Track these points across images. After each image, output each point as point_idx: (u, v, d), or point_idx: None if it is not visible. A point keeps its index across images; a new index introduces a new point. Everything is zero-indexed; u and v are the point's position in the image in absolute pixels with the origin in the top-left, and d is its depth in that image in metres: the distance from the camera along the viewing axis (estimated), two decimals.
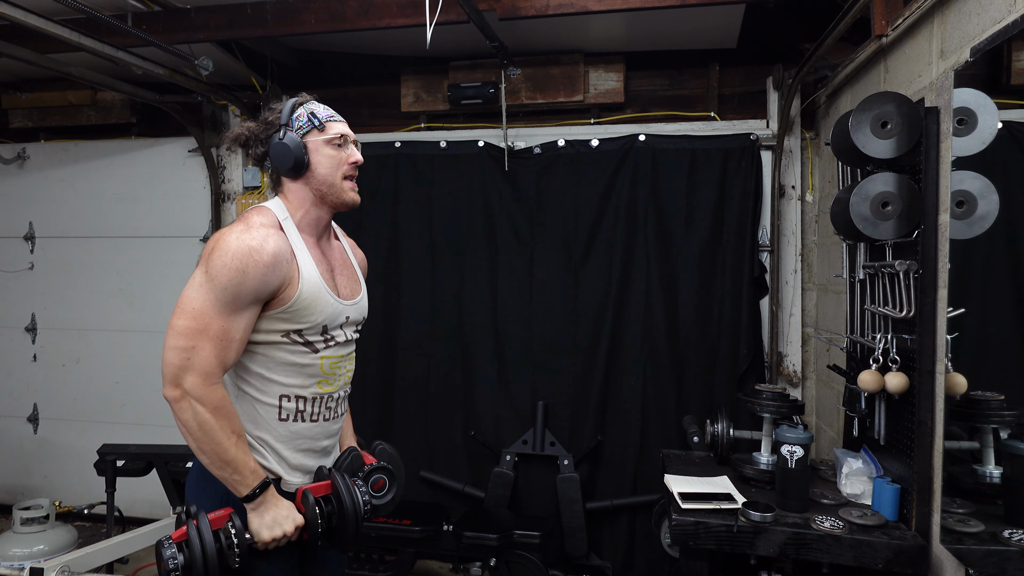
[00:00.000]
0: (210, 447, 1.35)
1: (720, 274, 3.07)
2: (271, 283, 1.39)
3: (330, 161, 1.52)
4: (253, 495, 1.37)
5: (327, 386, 1.54)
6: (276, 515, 1.39)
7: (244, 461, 1.37)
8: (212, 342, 1.35)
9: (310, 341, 1.49)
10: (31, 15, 2.32)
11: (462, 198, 3.30)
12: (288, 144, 1.48)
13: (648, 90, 3.31)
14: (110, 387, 3.83)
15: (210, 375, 1.35)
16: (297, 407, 1.50)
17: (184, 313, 1.36)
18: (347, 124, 1.58)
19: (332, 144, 1.52)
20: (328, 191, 1.53)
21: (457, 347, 3.33)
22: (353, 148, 1.57)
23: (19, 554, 2.98)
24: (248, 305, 1.38)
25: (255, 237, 1.38)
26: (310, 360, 1.50)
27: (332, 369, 1.54)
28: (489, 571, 2.90)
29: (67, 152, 3.85)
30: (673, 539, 1.91)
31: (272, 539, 1.38)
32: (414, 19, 2.61)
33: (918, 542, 1.75)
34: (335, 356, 1.55)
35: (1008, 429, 1.52)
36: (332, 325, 1.52)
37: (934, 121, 1.79)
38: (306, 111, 1.52)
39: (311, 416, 1.52)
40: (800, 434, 1.93)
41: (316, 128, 1.51)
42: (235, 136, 1.56)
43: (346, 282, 1.61)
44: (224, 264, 1.34)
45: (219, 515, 1.35)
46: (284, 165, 1.49)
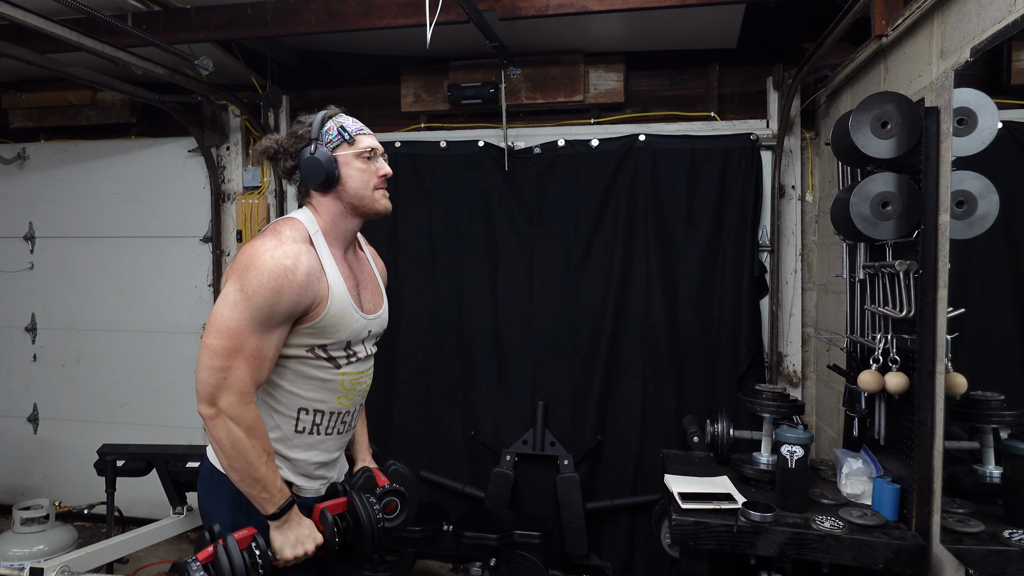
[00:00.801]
0: (241, 465, 1.35)
1: (720, 274, 3.07)
2: (303, 302, 1.39)
3: (361, 175, 1.51)
4: (279, 513, 1.38)
5: (346, 402, 1.56)
6: (299, 535, 1.41)
7: (272, 480, 1.38)
8: (247, 361, 1.35)
9: (333, 356, 1.49)
10: (31, 15, 2.32)
11: (462, 198, 3.30)
12: (320, 159, 1.47)
13: (648, 90, 3.31)
14: (110, 387, 3.83)
15: (245, 394, 1.35)
16: (314, 420, 1.51)
17: (219, 333, 1.34)
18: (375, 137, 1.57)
19: (362, 158, 1.52)
20: (360, 203, 1.52)
21: (457, 347, 3.33)
22: (382, 161, 1.57)
23: (19, 554, 2.98)
24: (281, 323, 1.38)
25: (288, 254, 1.37)
26: (332, 376, 1.50)
27: (352, 385, 1.56)
28: (489, 571, 2.90)
29: (67, 152, 3.85)
30: (673, 539, 1.91)
31: (294, 558, 1.39)
32: (414, 19, 2.61)
33: (918, 542, 1.75)
34: (355, 372, 1.55)
35: (1008, 429, 1.52)
36: (355, 340, 1.53)
37: (934, 121, 1.79)
38: (335, 125, 1.51)
39: (326, 429, 1.54)
40: (800, 434, 1.93)
41: (346, 142, 1.51)
42: (264, 149, 1.54)
43: (370, 296, 1.61)
44: (260, 284, 1.33)
45: (243, 535, 1.37)
46: (316, 180, 1.48)
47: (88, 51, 2.59)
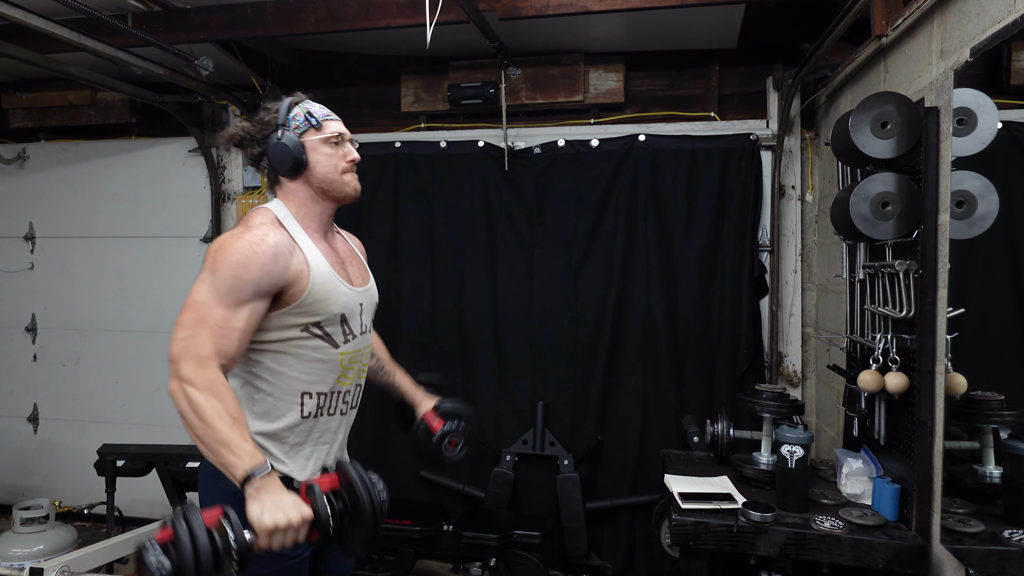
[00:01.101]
0: (203, 430, 1.28)
1: (720, 274, 3.07)
2: (273, 273, 1.39)
3: (328, 160, 1.53)
4: (252, 477, 1.24)
5: (345, 381, 1.57)
6: (278, 502, 1.24)
7: (240, 443, 1.28)
8: (209, 330, 1.34)
9: (329, 334, 1.50)
10: (31, 15, 2.32)
11: (462, 198, 3.30)
12: (287, 144, 1.49)
13: (648, 90, 3.31)
14: (110, 387, 3.83)
15: (204, 359, 1.33)
16: (318, 403, 1.52)
17: (187, 307, 1.37)
18: (343, 123, 1.59)
19: (330, 143, 1.54)
20: (329, 187, 1.55)
21: (457, 347, 3.33)
22: (350, 146, 1.58)
23: (19, 554, 2.98)
24: (251, 298, 1.38)
25: (255, 234, 1.41)
26: (330, 356, 1.51)
27: (350, 364, 1.57)
28: (489, 571, 2.90)
29: (67, 152, 3.85)
30: (673, 539, 1.91)
31: (275, 526, 1.22)
32: (414, 19, 2.61)
33: (918, 542, 1.75)
34: (353, 351, 1.57)
35: (1008, 429, 1.52)
36: (350, 315, 1.54)
37: (934, 121, 1.79)
38: (303, 110, 1.53)
39: (328, 410, 1.55)
40: (800, 434, 1.93)
41: (313, 127, 1.53)
42: (230, 136, 1.57)
43: (356, 272, 1.63)
44: (225, 258, 1.37)
45: (212, 512, 1.17)
46: (283, 165, 1.51)
47: (88, 51, 2.59)
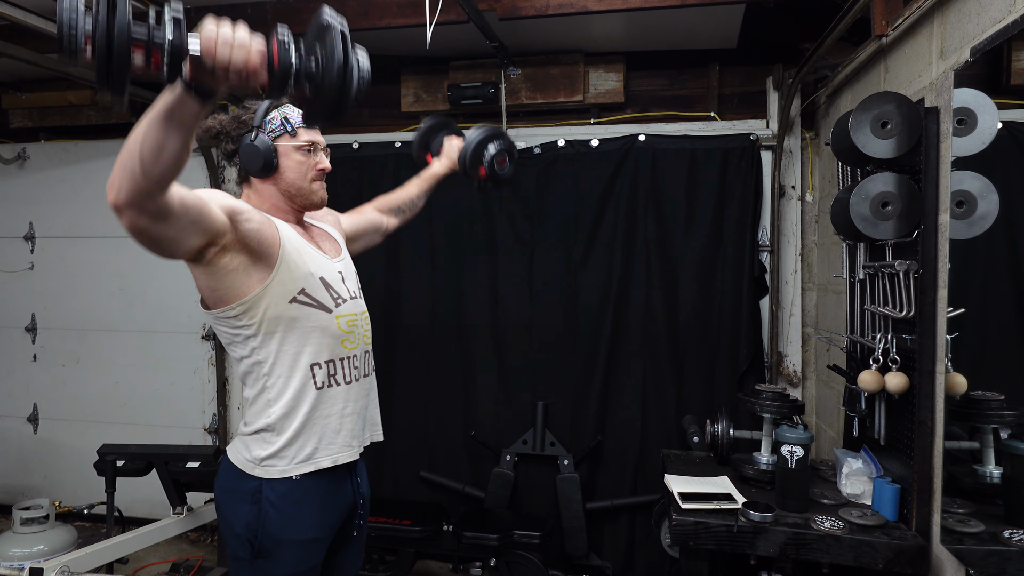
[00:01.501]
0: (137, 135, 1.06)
1: (720, 274, 3.07)
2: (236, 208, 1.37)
3: (298, 167, 1.56)
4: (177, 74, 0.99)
5: (349, 345, 1.58)
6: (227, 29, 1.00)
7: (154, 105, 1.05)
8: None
9: (318, 299, 1.52)
10: (31, 15, 2.32)
11: (462, 198, 3.30)
12: (259, 146, 1.52)
13: (648, 90, 3.31)
14: (110, 387, 3.83)
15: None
16: (328, 371, 1.53)
17: None
18: (319, 132, 1.60)
19: (302, 150, 1.56)
20: (296, 193, 1.57)
21: (457, 347, 3.33)
22: (322, 155, 1.60)
23: (19, 554, 2.98)
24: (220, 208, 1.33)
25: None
26: (326, 321, 1.53)
27: (350, 328, 1.59)
28: (489, 571, 2.90)
29: (67, 152, 3.85)
30: (673, 539, 1.91)
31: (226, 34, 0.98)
32: (414, 19, 2.61)
33: (918, 542, 1.75)
34: (349, 314, 1.59)
35: (1008, 429, 1.52)
36: (331, 280, 1.57)
37: (934, 121, 1.79)
38: (280, 115, 1.55)
39: (344, 378, 1.57)
40: (800, 434, 1.94)
41: (288, 133, 1.55)
42: (206, 128, 1.58)
43: (329, 246, 1.68)
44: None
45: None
46: (253, 166, 1.53)
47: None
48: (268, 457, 1.48)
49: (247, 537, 1.47)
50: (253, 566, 1.49)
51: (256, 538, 1.47)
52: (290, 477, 1.48)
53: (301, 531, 1.49)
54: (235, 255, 1.39)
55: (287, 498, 1.48)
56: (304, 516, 1.50)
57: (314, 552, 1.52)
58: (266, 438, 1.49)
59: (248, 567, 1.49)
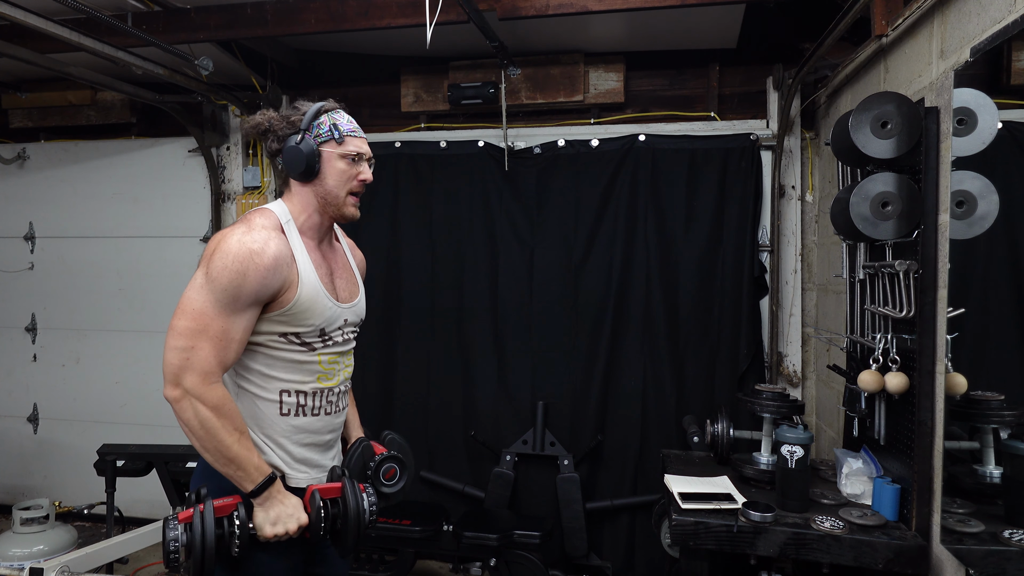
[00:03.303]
0: (213, 445, 1.36)
1: (720, 274, 3.07)
2: (271, 285, 1.40)
3: (340, 175, 1.52)
4: (258, 491, 1.38)
5: (327, 381, 1.55)
6: (280, 512, 1.40)
7: (247, 457, 1.38)
8: (211, 342, 1.35)
9: (308, 343, 1.50)
10: (31, 15, 2.32)
11: (462, 198, 3.30)
12: (303, 150, 1.48)
13: (648, 90, 3.31)
14: (110, 387, 3.83)
15: (209, 374, 1.35)
16: (298, 401, 1.51)
17: (184, 314, 1.36)
18: (367, 143, 1.58)
19: (346, 159, 1.52)
20: (331, 201, 1.53)
21: (457, 347, 3.33)
22: (365, 166, 1.56)
23: (19, 554, 2.98)
24: (248, 306, 1.39)
25: (256, 240, 1.38)
26: (308, 358, 1.51)
27: (331, 365, 1.56)
28: (489, 571, 2.90)
29: (67, 152, 3.85)
30: (673, 539, 1.91)
31: (274, 536, 1.39)
32: (414, 19, 2.61)
33: (918, 542, 1.75)
34: (332, 354, 1.56)
35: (1008, 429, 1.52)
36: (330, 328, 1.53)
37: (934, 121, 1.79)
38: (329, 120, 1.52)
39: (312, 410, 1.53)
40: (800, 434, 1.93)
41: (335, 140, 1.51)
42: (255, 123, 1.54)
43: (344, 284, 1.61)
44: (225, 266, 1.35)
45: (226, 503, 1.38)
46: (295, 169, 1.50)
47: (88, 51, 2.59)
48: None
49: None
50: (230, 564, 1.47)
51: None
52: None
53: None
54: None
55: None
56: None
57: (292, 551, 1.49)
58: None
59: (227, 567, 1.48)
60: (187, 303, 1.37)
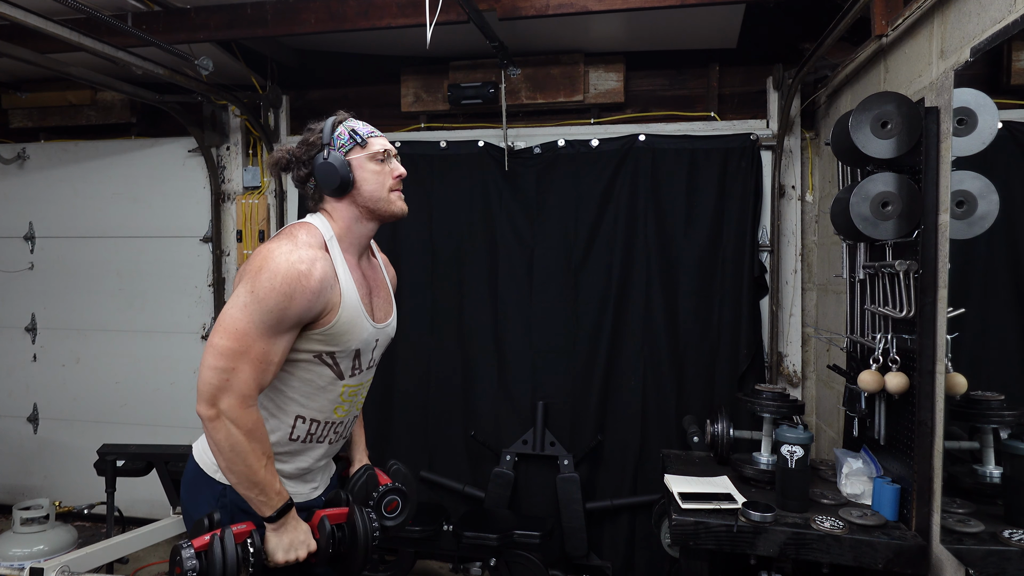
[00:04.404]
0: (241, 468, 1.34)
1: (720, 274, 3.07)
2: (315, 309, 1.38)
3: (376, 177, 1.51)
4: (276, 516, 1.38)
5: (341, 413, 1.56)
6: (293, 539, 1.41)
7: (271, 483, 1.37)
8: (252, 364, 1.33)
9: (339, 366, 1.49)
10: (31, 15, 2.32)
11: (462, 198, 3.30)
12: (334, 163, 1.46)
13: (648, 90, 3.31)
14: (110, 387, 3.83)
15: (247, 397, 1.34)
16: (309, 429, 1.51)
17: (227, 333, 1.32)
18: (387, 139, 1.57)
19: (376, 160, 1.51)
20: (376, 206, 1.51)
21: (457, 347, 3.33)
22: (396, 162, 1.56)
23: (19, 554, 2.98)
24: (290, 328, 1.37)
25: (304, 259, 1.35)
26: (333, 386, 1.50)
27: (350, 397, 1.56)
28: (489, 571, 2.90)
29: (67, 152, 3.85)
30: (673, 539, 1.91)
31: (285, 562, 1.40)
32: (414, 19, 2.61)
33: (918, 542, 1.75)
34: (356, 384, 1.56)
35: (1008, 429, 1.52)
36: (364, 350, 1.53)
37: (934, 121, 1.79)
38: (347, 129, 1.51)
39: (318, 438, 1.54)
40: (800, 434, 1.93)
41: (359, 145, 1.50)
42: (275, 161, 1.53)
43: (381, 304, 1.60)
44: (273, 287, 1.32)
45: (241, 530, 1.37)
46: (330, 184, 1.47)
47: (88, 51, 2.59)
48: None
49: None
50: None
51: None
52: None
53: None
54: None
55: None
56: None
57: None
58: None
59: None
60: (230, 322, 1.33)
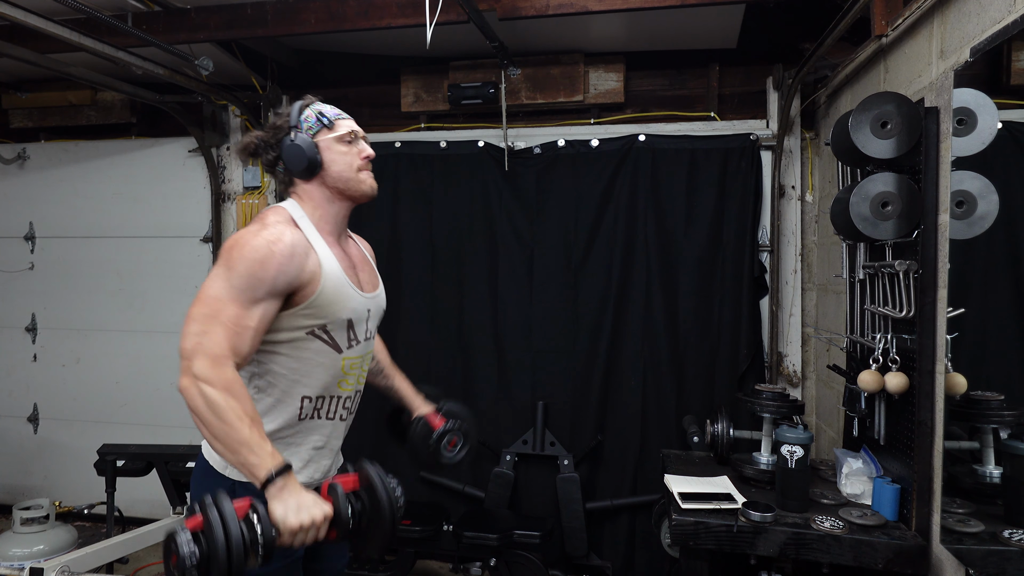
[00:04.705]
0: (222, 429, 1.27)
1: (720, 274, 3.07)
2: (288, 273, 1.39)
3: (343, 158, 1.53)
4: (275, 476, 1.25)
5: (346, 387, 1.57)
6: (301, 501, 1.25)
7: (260, 443, 1.28)
8: (223, 327, 1.32)
9: (334, 338, 1.50)
10: (31, 15, 2.32)
11: (462, 198, 3.30)
12: (301, 145, 1.48)
13: (648, 90, 3.31)
14: (110, 387, 3.83)
15: (220, 357, 1.30)
16: (316, 406, 1.52)
17: (200, 301, 1.35)
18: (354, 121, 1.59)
19: (343, 141, 1.53)
20: (346, 186, 1.54)
21: (457, 347, 3.33)
22: (364, 143, 1.58)
23: (19, 554, 2.98)
24: (265, 297, 1.37)
25: (272, 232, 1.40)
26: (332, 360, 1.51)
27: (351, 370, 1.57)
28: (489, 571, 2.90)
29: (67, 152, 3.85)
30: (673, 539, 1.91)
31: (299, 526, 1.23)
32: (414, 19, 2.61)
33: (918, 542, 1.75)
34: (356, 357, 1.57)
35: (1008, 429, 1.52)
36: (357, 319, 1.54)
37: (934, 121, 1.79)
38: (314, 111, 1.53)
39: (327, 414, 1.55)
40: (800, 434, 1.93)
41: (326, 127, 1.52)
42: (244, 146, 1.56)
43: (367, 277, 1.63)
44: (243, 255, 1.35)
45: (240, 504, 1.19)
46: (298, 166, 1.50)
47: (88, 51, 2.59)
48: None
49: None
50: None
51: None
52: None
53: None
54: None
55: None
56: None
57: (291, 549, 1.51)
58: None
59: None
60: (203, 291, 1.35)
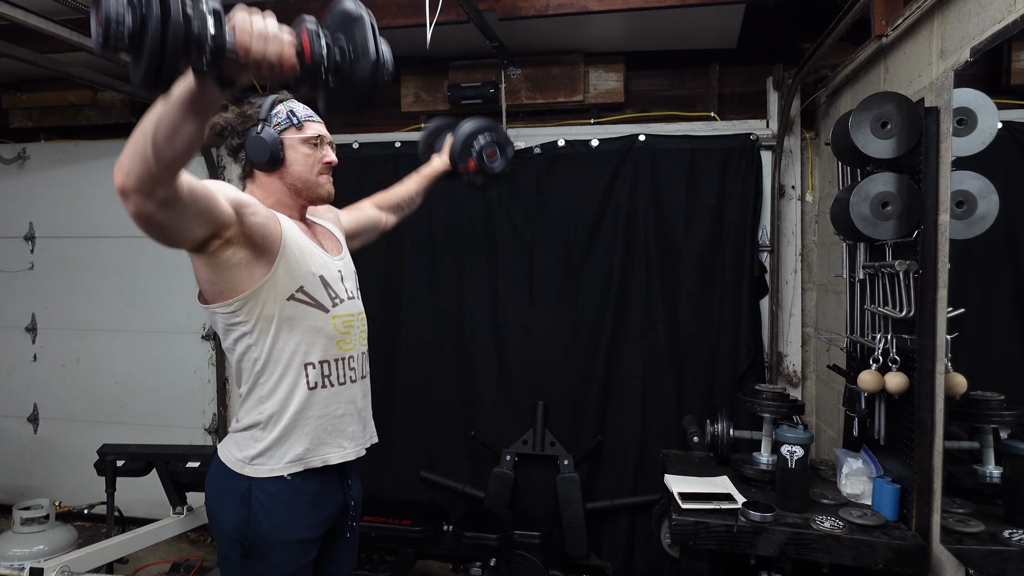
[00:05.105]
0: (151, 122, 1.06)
1: (720, 274, 3.07)
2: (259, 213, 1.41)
3: (306, 160, 1.55)
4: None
5: (345, 346, 1.58)
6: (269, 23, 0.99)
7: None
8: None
9: (315, 298, 1.51)
10: (31, 15, 2.32)
11: (462, 198, 3.30)
12: (265, 139, 1.51)
13: (648, 90, 3.31)
14: (110, 387, 3.83)
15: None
16: (322, 372, 1.53)
17: None
18: (325, 126, 1.60)
19: (308, 143, 1.56)
20: (303, 187, 1.57)
21: (457, 347, 3.33)
22: (328, 149, 1.60)
23: (19, 554, 2.98)
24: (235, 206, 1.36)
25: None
26: (323, 321, 1.52)
27: (346, 328, 1.58)
28: (489, 571, 2.90)
29: (67, 152, 3.85)
30: (673, 539, 1.91)
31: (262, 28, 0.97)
32: (414, 19, 2.61)
33: (918, 542, 1.75)
34: (345, 315, 1.58)
35: (1008, 429, 1.52)
36: (330, 278, 1.56)
37: (934, 121, 1.79)
38: (285, 108, 1.55)
39: (338, 379, 1.56)
40: (800, 434, 1.94)
41: (294, 126, 1.54)
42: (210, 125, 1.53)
43: (331, 244, 1.67)
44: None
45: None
46: (260, 159, 1.53)
47: (88, 51, 2.59)
48: (257, 456, 1.48)
49: (236, 538, 1.48)
50: (243, 566, 1.49)
51: (246, 538, 1.47)
52: (280, 476, 1.48)
53: (290, 531, 1.49)
54: (238, 249, 1.39)
55: (276, 498, 1.48)
56: (294, 516, 1.49)
57: (304, 552, 1.52)
58: (255, 435, 1.50)
59: (238, 567, 1.49)
60: None
